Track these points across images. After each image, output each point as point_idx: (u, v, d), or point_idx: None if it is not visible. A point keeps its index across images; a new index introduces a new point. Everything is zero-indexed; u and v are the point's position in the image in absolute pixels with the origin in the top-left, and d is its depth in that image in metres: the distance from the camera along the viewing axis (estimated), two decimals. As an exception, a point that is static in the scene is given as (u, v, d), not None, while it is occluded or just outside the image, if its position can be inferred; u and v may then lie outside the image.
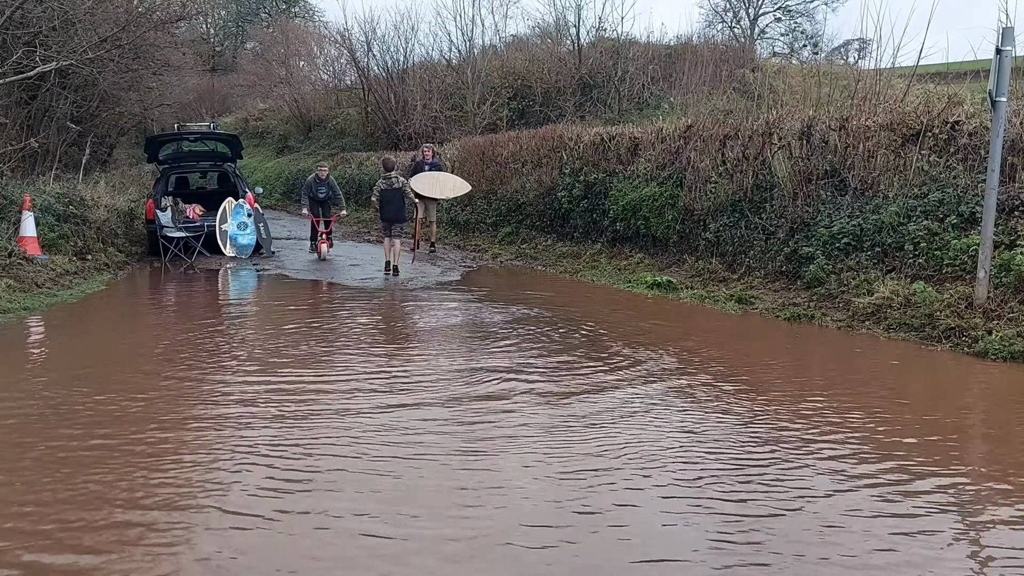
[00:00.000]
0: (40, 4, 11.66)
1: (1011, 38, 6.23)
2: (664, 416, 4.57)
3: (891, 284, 6.91)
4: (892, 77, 10.29)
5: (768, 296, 7.99)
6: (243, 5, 43.32)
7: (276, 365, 5.74)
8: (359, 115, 24.05)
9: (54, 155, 13.46)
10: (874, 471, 3.74)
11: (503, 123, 18.18)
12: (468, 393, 5.02)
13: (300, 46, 31.48)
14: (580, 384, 5.19)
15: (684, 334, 6.74)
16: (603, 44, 19.57)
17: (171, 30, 15.94)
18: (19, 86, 12.27)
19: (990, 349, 5.81)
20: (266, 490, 3.56)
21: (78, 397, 4.90)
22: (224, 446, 4.12)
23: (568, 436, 4.24)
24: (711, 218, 9.43)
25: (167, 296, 9.48)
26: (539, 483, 3.63)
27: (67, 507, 3.36)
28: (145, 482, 3.64)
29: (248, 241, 12.24)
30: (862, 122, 8.21)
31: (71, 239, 10.55)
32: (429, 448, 4.07)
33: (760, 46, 29.70)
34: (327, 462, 3.89)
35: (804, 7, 32.92)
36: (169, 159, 13.85)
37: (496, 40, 22.94)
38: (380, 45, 22.99)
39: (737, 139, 9.48)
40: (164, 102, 20.52)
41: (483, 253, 12.63)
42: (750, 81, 16.09)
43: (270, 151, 28.54)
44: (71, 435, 4.24)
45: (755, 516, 3.30)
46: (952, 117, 7.60)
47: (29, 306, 7.90)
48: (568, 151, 12.42)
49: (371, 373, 5.53)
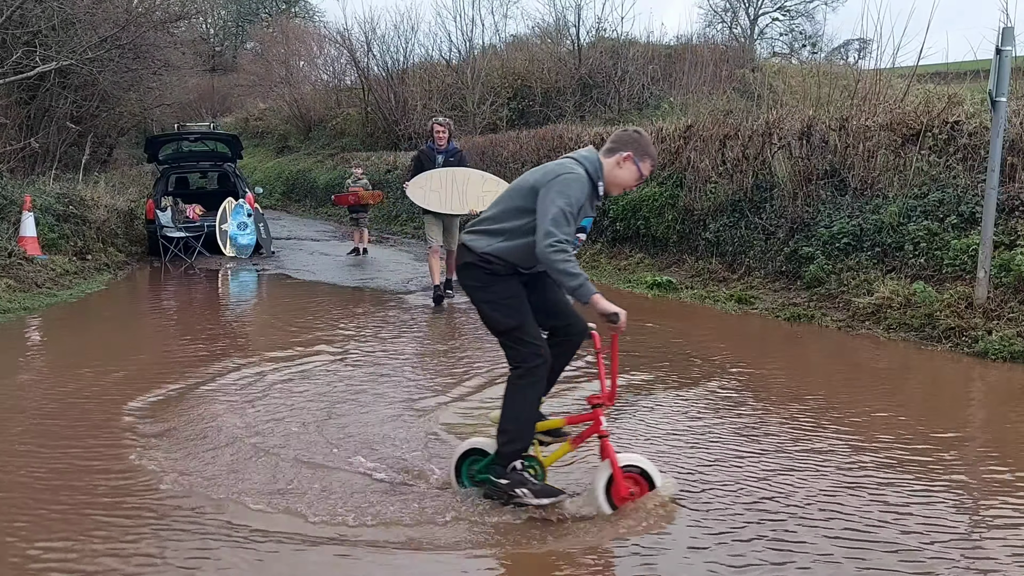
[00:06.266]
0: (40, 4, 11.66)
1: (1011, 38, 6.22)
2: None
3: (891, 284, 6.91)
4: (892, 77, 10.30)
5: (768, 296, 7.99)
6: (243, 5, 43.34)
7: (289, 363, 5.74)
8: (359, 115, 24.07)
9: (54, 155, 13.47)
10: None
11: (503, 123, 18.20)
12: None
13: (300, 46, 31.51)
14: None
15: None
16: (603, 44, 19.58)
17: (171, 30, 15.96)
18: (19, 86, 12.28)
19: (990, 349, 5.81)
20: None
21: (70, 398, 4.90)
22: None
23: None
24: (711, 218, 9.43)
25: (167, 296, 9.48)
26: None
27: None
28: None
29: (248, 241, 12.24)
30: (862, 122, 8.21)
31: (71, 239, 10.55)
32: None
33: (760, 46, 29.76)
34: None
35: (804, 7, 32.96)
36: (169, 159, 13.84)
37: (496, 40, 23.01)
38: (380, 45, 23.05)
39: (737, 139, 9.48)
40: (164, 102, 20.52)
41: (483, 253, 12.62)
42: (750, 81, 16.10)
43: (270, 151, 28.55)
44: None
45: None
46: (952, 117, 7.60)
47: (29, 306, 7.90)
48: (568, 151, 12.40)
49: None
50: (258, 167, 26.38)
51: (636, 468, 3.31)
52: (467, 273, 3.35)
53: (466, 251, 3.33)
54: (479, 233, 3.33)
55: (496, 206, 3.38)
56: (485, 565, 2.98)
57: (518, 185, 3.37)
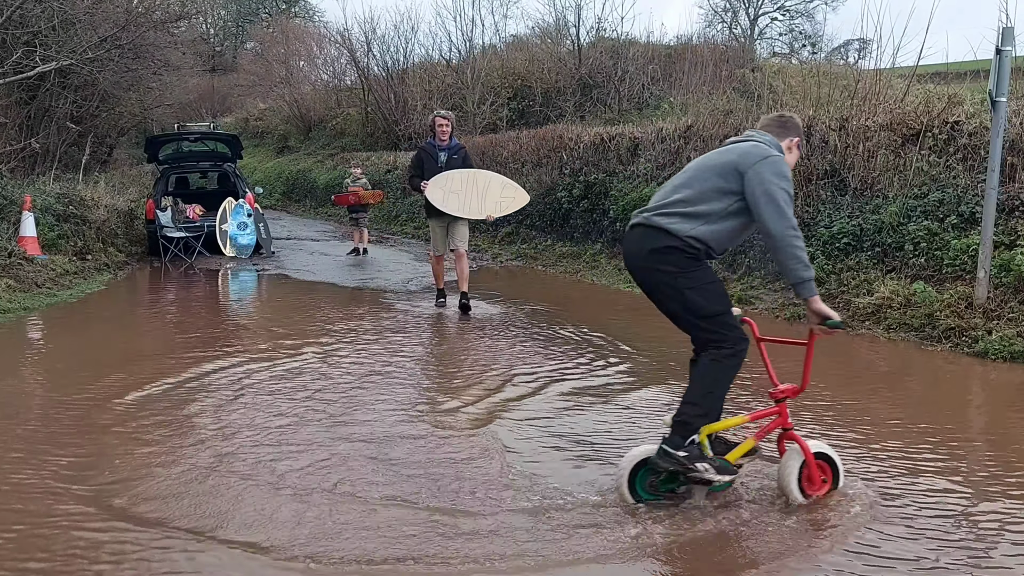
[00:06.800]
0: (40, 4, 11.65)
1: (1011, 38, 6.22)
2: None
3: (891, 284, 6.91)
4: (892, 77, 10.30)
5: (768, 296, 7.99)
6: (243, 5, 43.34)
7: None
8: (359, 115, 24.05)
9: (54, 155, 13.47)
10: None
11: (503, 123, 18.19)
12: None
13: (300, 46, 31.50)
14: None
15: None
16: (603, 44, 19.57)
17: (171, 30, 15.96)
18: (19, 86, 12.28)
19: (990, 349, 5.81)
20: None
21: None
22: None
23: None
24: (711, 218, 9.41)
25: (167, 296, 9.48)
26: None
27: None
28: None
29: (248, 241, 12.24)
30: (862, 122, 8.21)
31: (71, 239, 10.55)
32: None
33: (760, 46, 29.73)
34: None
35: (804, 7, 32.96)
36: (169, 159, 13.84)
37: (496, 40, 22.98)
38: (380, 45, 23.02)
39: (737, 139, 9.47)
40: (164, 102, 20.53)
41: (483, 253, 12.63)
42: (750, 81, 16.08)
43: (270, 151, 28.54)
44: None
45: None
46: (952, 117, 7.60)
47: (29, 306, 7.90)
48: (568, 151, 12.42)
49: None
50: (258, 167, 26.37)
51: (824, 455, 3.35)
52: (666, 258, 3.15)
53: (664, 234, 3.14)
54: (675, 216, 3.15)
55: (684, 188, 3.20)
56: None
57: (709, 165, 3.22)
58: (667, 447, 3.15)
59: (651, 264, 3.20)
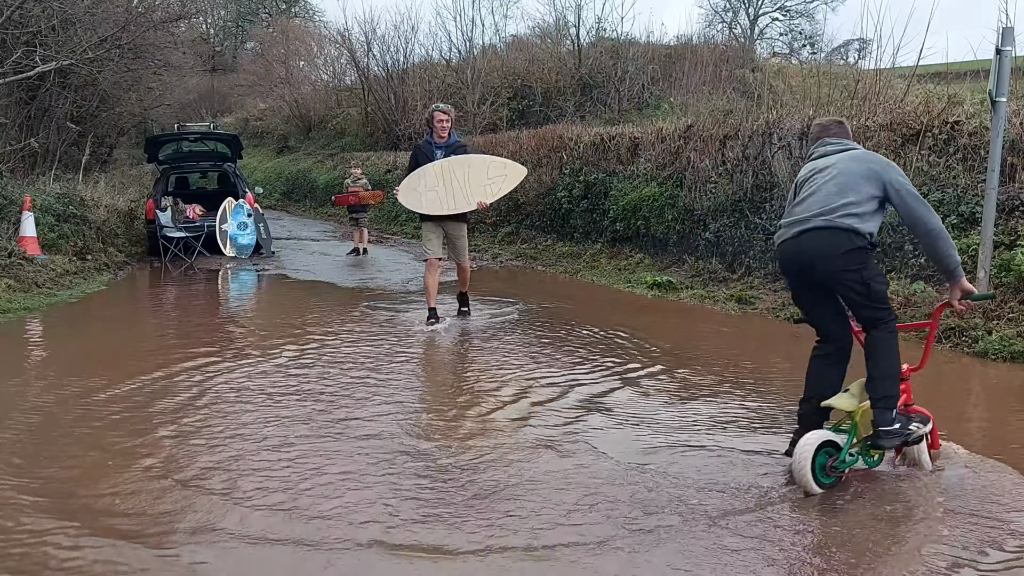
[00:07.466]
0: (40, 4, 11.65)
1: (1011, 38, 6.22)
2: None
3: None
4: (892, 77, 10.30)
5: (768, 296, 7.99)
6: (243, 5, 43.36)
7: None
8: (359, 115, 24.06)
9: (54, 155, 13.46)
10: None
11: (503, 123, 18.19)
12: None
13: (300, 46, 31.55)
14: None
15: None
16: (603, 44, 19.58)
17: (171, 30, 15.94)
18: (19, 86, 12.28)
19: (990, 349, 5.81)
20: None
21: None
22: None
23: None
24: (711, 218, 9.43)
25: (167, 296, 9.47)
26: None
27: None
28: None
29: (248, 241, 12.24)
30: (862, 122, 8.21)
31: (71, 239, 10.54)
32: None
33: (760, 46, 29.74)
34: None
35: (804, 7, 32.97)
36: (169, 159, 13.84)
37: (496, 40, 23.01)
38: (380, 45, 23.02)
39: (737, 139, 9.48)
40: (164, 102, 20.52)
41: (483, 253, 12.63)
42: (750, 81, 16.11)
43: (270, 151, 28.55)
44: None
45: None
46: (952, 117, 7.60)
47: (29, 306, 7.90)
48: (568, 151, 12.42)
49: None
50: (258, 167, 26.38)
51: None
52: (856, 256, 3.52)
53: (854, 235, 3.50)
54: (853, 216, 3.52)
55: (849, 192, 3.56)
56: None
57: (853, 171, 3.61)
58: (883, 428, 3.50)
59: (844, 264, 3.54)
